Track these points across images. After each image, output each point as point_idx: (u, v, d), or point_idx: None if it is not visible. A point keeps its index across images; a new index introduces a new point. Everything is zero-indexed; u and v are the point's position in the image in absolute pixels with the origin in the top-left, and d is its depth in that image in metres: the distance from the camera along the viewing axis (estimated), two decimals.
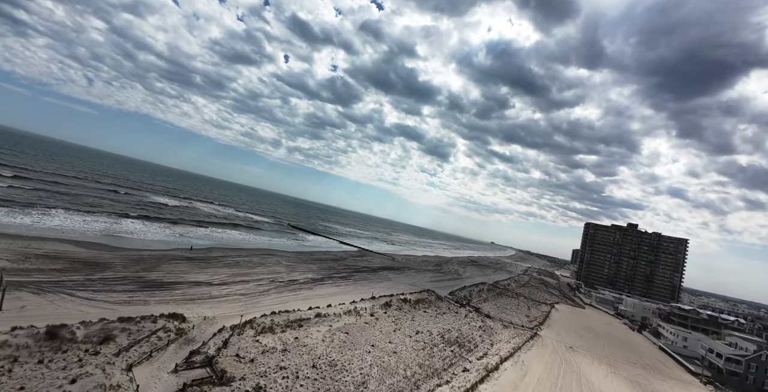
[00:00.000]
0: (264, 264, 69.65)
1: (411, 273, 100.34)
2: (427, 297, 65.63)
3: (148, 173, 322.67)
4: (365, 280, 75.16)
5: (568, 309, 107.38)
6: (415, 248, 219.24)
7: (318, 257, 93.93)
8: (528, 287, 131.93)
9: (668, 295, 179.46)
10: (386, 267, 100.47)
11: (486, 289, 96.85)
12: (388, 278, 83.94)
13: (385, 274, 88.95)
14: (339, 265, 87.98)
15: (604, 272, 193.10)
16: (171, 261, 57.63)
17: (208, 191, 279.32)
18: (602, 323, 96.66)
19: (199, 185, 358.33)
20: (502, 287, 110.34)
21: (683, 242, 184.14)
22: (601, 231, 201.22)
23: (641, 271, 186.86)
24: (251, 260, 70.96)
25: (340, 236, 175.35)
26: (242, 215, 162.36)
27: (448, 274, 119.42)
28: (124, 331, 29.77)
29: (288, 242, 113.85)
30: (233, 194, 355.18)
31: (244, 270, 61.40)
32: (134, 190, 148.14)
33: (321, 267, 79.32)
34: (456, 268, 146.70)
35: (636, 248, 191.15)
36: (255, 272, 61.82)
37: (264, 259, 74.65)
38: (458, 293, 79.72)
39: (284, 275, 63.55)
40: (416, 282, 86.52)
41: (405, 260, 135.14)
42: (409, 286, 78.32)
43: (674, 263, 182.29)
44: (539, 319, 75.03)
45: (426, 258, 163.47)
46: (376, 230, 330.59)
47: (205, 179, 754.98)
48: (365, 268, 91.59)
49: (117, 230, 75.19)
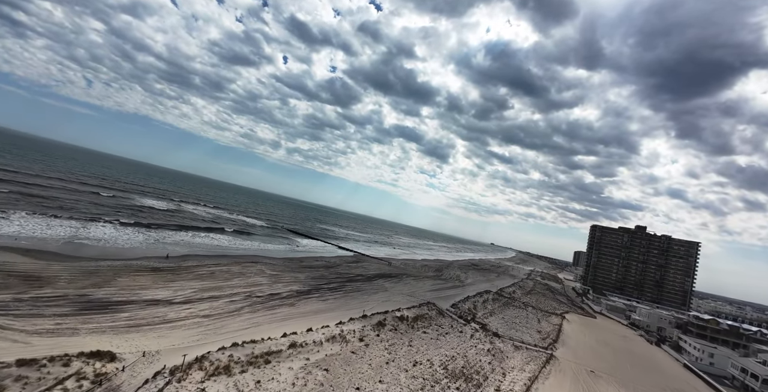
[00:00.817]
0: (244, 275, 62.01)
1: (409, 281, 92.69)
2: (426, 313, 57.95)
3: (142, 175, 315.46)
4: (358, 291, 67.46)
5: (579, 319, 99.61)
6: (414, 251, 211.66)
7: (309, 264, 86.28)
8: (534, 295, 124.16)
9: (679, 301, 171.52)
10: (383, 275, 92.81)
11: (491, 299, 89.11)
12: (383, 288, 76.25)
13: (381, 283, 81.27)
14: (331, 273, 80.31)
15: (611, 277, 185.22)
16: (132, 273, 50.01)
17: (203, 193, 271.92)
18: (617, 336, 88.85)
19: (194, 186, 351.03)
20: (507, 296, 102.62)
21: (694, 245, 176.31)
22: (608, 234, 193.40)
23: (651, 276, 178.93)
24: (230, 269, 63.32)
25: (337, 240, 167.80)
26: (234, 217, 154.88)
27: (449, 281, 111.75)
28: (18, 381, 22.18)
29: (279, 247, 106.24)
30: (230, 195, 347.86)
31: (218, 283, 53.76)
32: (121, 192, 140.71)
33: (310, 277, 71.64)
34: (457, 273, 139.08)
35: (645, 251, 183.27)
36: (230, 285, 54.17)
37: (246, 268, 67.01)
38: (461, 305, 72.00)
39: (265, 288, 55.89)
40: (415, 292, 78.85)
41: (403, 265, 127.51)
42: (407, 297, 70.68)
43: (685, 267, 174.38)
44: (552, 335, 67.30)
45: (425, 263, 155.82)
46: (375, 232, 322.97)
47: (203, 180, 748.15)
48: (359, 277, 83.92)
49: (82, 236, 67.60)
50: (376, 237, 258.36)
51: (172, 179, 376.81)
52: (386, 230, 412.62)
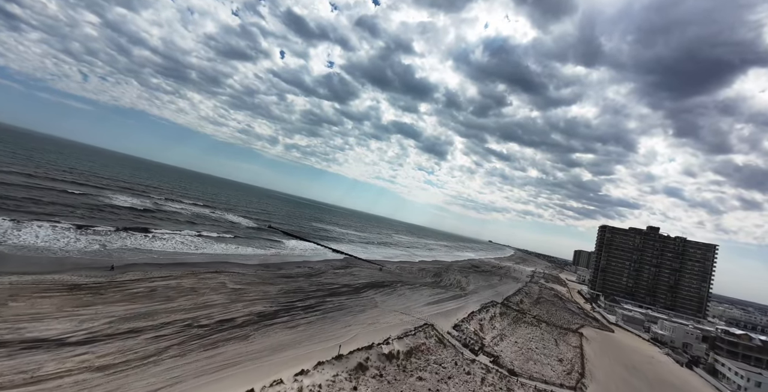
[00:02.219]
0: (197, 291, 49.87)
1: (404, 291, 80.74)
2: (423, 343, 45.91)
3: (130, 170, 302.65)
4: (340, 310, 55.38)
5: (597, 335, 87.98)
6: (411, 252, 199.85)
7: (287, 273, 74.20)
8: (543, 305, 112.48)
9: (695, 307, 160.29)
10: (374, 284, 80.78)
11: (498, 313, 77.24)
12: (373, 303, 64.21)
13: (371, 296, 69.21)
14: (311, 284, 68.22)
15: (622, 282, 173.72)
16: (36, 294, 37.85)
17: (192, 189, 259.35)
18: (644, 357, 77.23)
19: (186, 182, 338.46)
20: (516, 308, 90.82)
21: (712, 248, 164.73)
22: (619, 235, 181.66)
23: (665, 280, 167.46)
24: (180, 284, 51.16)
25: (330, 240, 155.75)
26: (217, 216, 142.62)
27: (449, 288, 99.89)
28: None
29: (258, 251, 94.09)
30: (222, 192, 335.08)
31: (153, 306, 41.61)
32: (96, 188, 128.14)
33: (284, 290, 59.57)
34: (458, 278, 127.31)
35: (659, 254, 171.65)
36: (169, 308, 42.03)
37: (202, 281, 54.87)
38: (465, 326, 59.98)
39: (216, 312, 43.76)
40: (410, 307, 66.88)
41: (399, 269, 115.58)
42: (400, 317, 58.69)
43: (702, 271, 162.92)
44: (577, 365, 55.49)
45: (423, 265, 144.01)
46: (372, 230, 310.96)
47: (198, 176, 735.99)
48: (345, 288, 71.87)
49: (4, 241, 55.37)
50: (373, 236, 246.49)
51: (163, 175, 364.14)
52: (384, 228, 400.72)
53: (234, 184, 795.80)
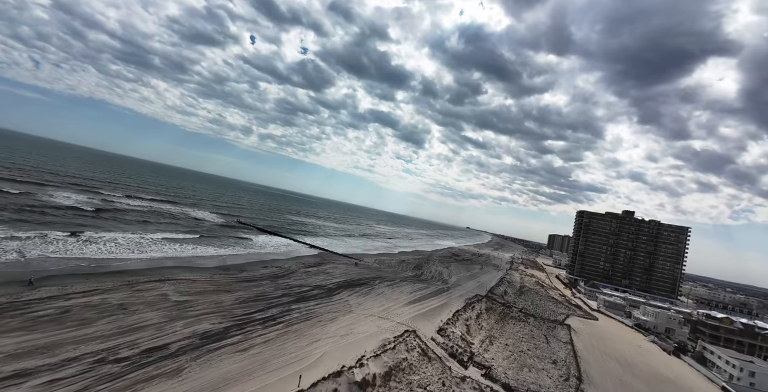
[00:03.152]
0: (127, 308, 40.80)
1: (383, 290, 74.01)
2: (405, 357, 39.20)
3: (84, 164, 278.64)
4: (308, 320, 47.74)
5: (584, 325, 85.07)
6: (391, 243, 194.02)
7: (250, 275, 65.61)
8: (527, 294, 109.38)
9: (668, 288, 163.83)
10: (349, 283, 73.51)
11: (484, 310, 72.09)
12: (347, 307, 56.97)
13: (345, 298, 61.93)
14: (277, 288, 60.09)
15: (600, 266, 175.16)
16: None
17: (155, 183, 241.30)
18: (632, 347, 74.61)
19: (148, 176, 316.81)
20: (501, 302, 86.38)
21: (685, 230, 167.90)
22: (596, 220, 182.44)
23: (640, 263, 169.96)
24: (107, 299, 41.85)
25: (305, 234, 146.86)
26: (177, 211, 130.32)
27: (431, 282, 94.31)
28: None
29: (220, 250, 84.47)
30: (190, 185, 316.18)
31: (61, 334, 32.51)
32: (39, 186, 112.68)
33: (242, 298, 51.24)
34: (439, 269, 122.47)
35: (634, 238, 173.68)
36: (83, 335, 33.05)
37: (138, 293, 45.65)
38: (451, 329, 53.88)
39: (146, 336, 35.12)
40: (389, 309, 60.22)
41: (378, 263, 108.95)
42: (378, 322, 51.82)
43: (675, 253, 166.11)
44: (572, 366, 50.79)
45: (403, 257, 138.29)
46: (351, 221, 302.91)
47: (165, 169, 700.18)
48: (317, 289, 64.22)
49: None
50: (352, 228, 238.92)
51: (124, 169, 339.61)
52: (363, 219, 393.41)
53: (205, 176, 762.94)
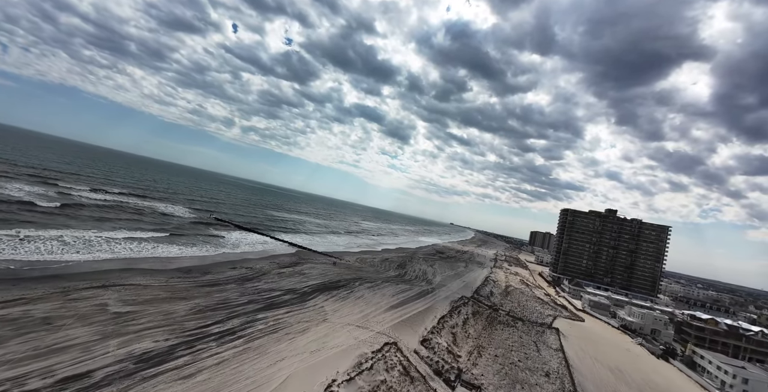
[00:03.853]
0: (53, 322, 33.89)
1: (363, 293, 68.67)
2: (384, 379, 33.96)
3: (49, 154, 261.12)
4: (274, 332, 41.87)
5: (571, 327, 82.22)
6: (375, 239, 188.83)
7: (214, 279, 58.99)
8: (513, 294, 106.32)
9: (649, 286, 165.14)
10: (327, 286, 67.79)
11: (470, 314, 67.79)
12: (321, 315, 51.34)
13: (320, 304, 56.24)
14: (243, 293, 53.85)
15: (582, 264, 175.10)
16: None
17: (126, 175, 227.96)
18: (621, 351, 72.04)
19: (120, 167, 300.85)
20: (487, 304, 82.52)
21: (665, 229, 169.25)
22: (580, 218, 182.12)
23: (621, 261, 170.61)
24: (30, 311, 34.81)
25: (285, 231, 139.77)
26: (145, 206, 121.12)
27: (415, 283, 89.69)
28: None
29: (185, 250, 77.04)
30: (165, 178, 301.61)
31: None
32: None
33: (198, 308, 44.87)
34: (423, 268, 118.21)
35: (616, 236, 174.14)
36: None
37: (72, 303, 38.67)
38: (435, 340, 49.02)
39: (67, 360, 28.52)
40: (368, 316, 54.94)
41: (359, 262, 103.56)
42: (355, 333, 46.45)
43: (656, 252, 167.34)
44: (565, 380, 46.85)
45: (386, 255, 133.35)
46: (334, 217, 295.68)
47: (141, 160, 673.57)
48: (290, 294, 58.24)
49: None
50: (335, 223, 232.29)
51: (94, 159, 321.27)
52: (347, 214, 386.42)
53: (184, 169, 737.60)
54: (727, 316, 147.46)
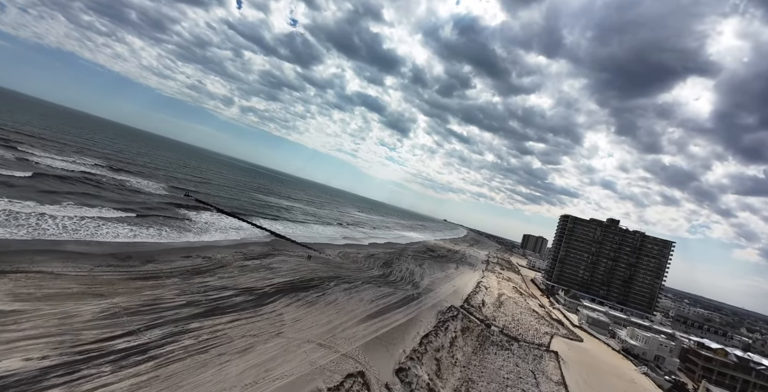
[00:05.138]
0: None
1: (338, 296, 58.91)
2: None
3: (33, 117, 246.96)
4: (203, 352, 31.98)
5: (569, 349, 73.46)
6: (364, 231, 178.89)
7: (156, 269, 48.75)
8: (507, 305, 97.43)
9: (646, 303, 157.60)
10: (294, 285, 57.79)
11: (459, 330, 58.45)
12: (276, 326, 41.45)
13: (279, 310, 46.31)
14: (185, 291, 43.76)
15: (579, 274, 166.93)
16: None
17: (107, 145, 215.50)
18: (625, 383, 63.32)
19: (104, 137, 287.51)
20: (480, 318, 73.27)
21: (669, 244, 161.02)
22: (581, 226, 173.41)
23: (620, 274, 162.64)
24: None
25: (268, 216, 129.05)
26: (116, 178, 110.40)
27: (399, 286, 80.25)
28: None
29: (137, 231, 66.49)
30: (154, 152, 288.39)
31: None
32: None
33: (112, 310, 34.78)
34: (411, 268, 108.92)
35: (617, 248, 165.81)
36: None
37: None
38: (414, 369, 39.38)
39: None
40: (336, 330, 45.18)
41: (341, 257, 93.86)
42: (314, 354, 36.69)
43: (656, 267, 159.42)
44: None
45: (373, 250, 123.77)
46: (326, 205, 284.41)
47: (135, 132, 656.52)
48: (247, 293, 48.25)
49: None
50: (325, 212, 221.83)
51: (80, 127, 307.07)
52: (340, 203, 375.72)
53: (177, 144, 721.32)
54: (724, 340, 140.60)
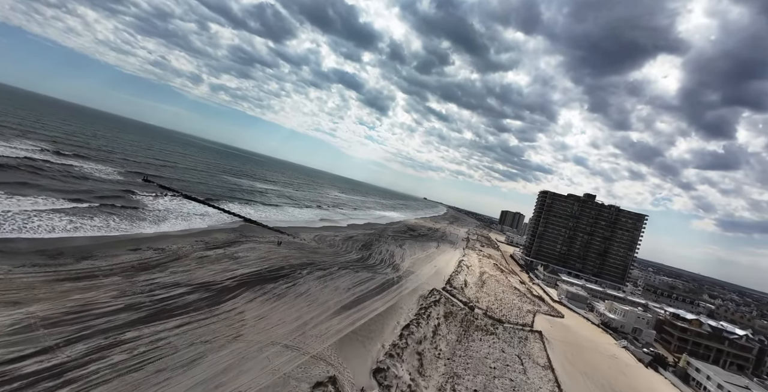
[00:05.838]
0: None
1: (309, 285, 53.83)
2: None
3: None
4: (136, 370, 26.16)
5: (552, 326, 72.54)
6: (342, 213, 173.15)
7: (94, 266, 41.75)
8: (489, 284, 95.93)
9: (619, 274, 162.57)
10: (262, 276, 52.10)
11: (443, 316, 55.15)
12: (236, 327, 36.10)
13: (239, 307, 40.80)
14: (123, 293, 37.32)
15: (556, 249, 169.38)
16: None
17: (58, 128, 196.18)
18: (607, 359, 62.85)
19: (56, 118, 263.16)
20: (463, 300, 70.57)
21: (642, 218, 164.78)
22: (559, 201, 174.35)
23: (595, 248, 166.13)
24: None
25: (239, 200, 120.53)
26: (61, 162, 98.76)
27: (379, 271, 76.14)
28: None
29: (79, 222, 58.16)
30: (113, 134, 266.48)
31: None
32: None
33: (28, 320, 28.16)
34: (391, 249, 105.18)
35: (593, 222, 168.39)
36: None
37: None
38: (394, 368, 35.31)
39: None
40: (307, 326, 40.32)
41: (317, 241, 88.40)
42: (278, 358, 31.71)
43: (630, 240, 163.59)
44: None
45: (352, 232, 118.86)
46: (303, 186, 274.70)
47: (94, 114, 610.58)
48: (203, 289, 42.27)
49: None
50: (302, 193, 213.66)
51: (28, 108, 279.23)
52: (319, 184, 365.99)
53: (142, 126, 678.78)
54: (691, 307, 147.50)
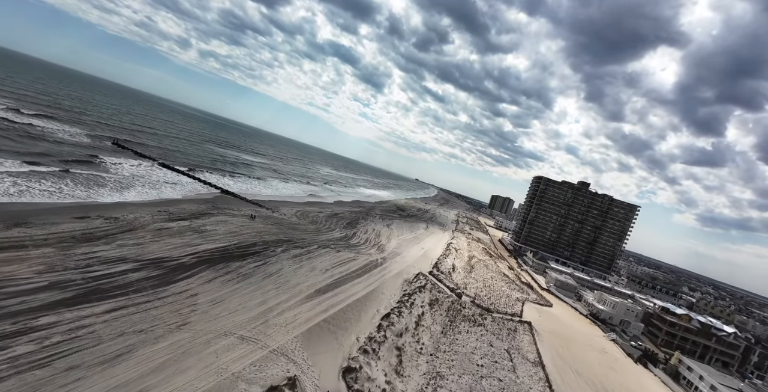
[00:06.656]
0: None
1: (282, 264, 48.25)
2: None
3: None
4: (43, 366, 20.52)
5: (540, 316, 69.39)
6: (330, 189, 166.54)
7: (22, 236, 35.14)
8: (477, 269, 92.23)
9: (606, 264, 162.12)
10: (228, 254, 46.19)
11: (428, 304, 50.63)
12: (184, 314, 30.37)
13: (193, 288, 35.06)
14: (51, 268, 31.07)
15: (546, 235, 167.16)
16: None
17: (29, 87, 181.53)
18: (598, 354, 60.03)
19: (28, 77, 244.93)
20: (450, 286, 66.33)
21: (634, 209, 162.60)
22: (552, 188, 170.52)
23: (585, 236, 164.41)
24: None
25: (220, 171, 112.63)
26: (22, 122, 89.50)
27: (362, 251, 71.03)
28: None
29: (28, 185, 50.77)
30: (90, 95, 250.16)
31: None
32: None
33: None
34: (378, 229, 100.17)
35: (585, 210, 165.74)
36: None
37: None
38: (369, 367, 30.45)
39: None
40: (271, 313, 34.96)
41: (298, 217, 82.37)
42: (227, 354, 26.37)
43: (620, 230, 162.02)
44: None
45: (337, 209, 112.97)
46: (292, 161, 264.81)
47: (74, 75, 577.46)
48: (153, 266, 36.24)
49: None
50: (290, 168, 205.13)
51: None
52: (308, 160, 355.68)
53: (124, 90, 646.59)
54: (674, 299, 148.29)
